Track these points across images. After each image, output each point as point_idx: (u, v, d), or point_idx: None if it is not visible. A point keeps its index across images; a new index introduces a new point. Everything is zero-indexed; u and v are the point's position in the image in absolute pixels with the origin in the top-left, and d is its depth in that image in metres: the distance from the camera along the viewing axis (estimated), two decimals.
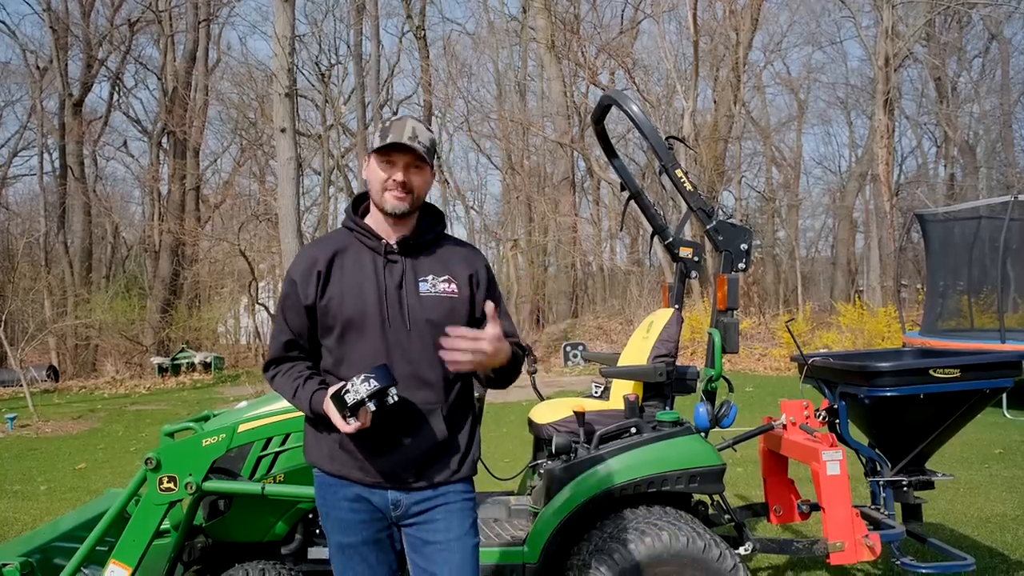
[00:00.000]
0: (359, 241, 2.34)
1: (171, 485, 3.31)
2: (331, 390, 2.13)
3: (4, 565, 3.25)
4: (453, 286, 2.31)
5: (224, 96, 29.01)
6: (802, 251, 33.57)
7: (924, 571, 3.67)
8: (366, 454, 2.25)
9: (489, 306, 2.16)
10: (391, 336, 2.24)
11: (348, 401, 2.07)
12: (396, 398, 2.11)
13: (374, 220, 2.36)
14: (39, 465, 9.08)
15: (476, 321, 2.32)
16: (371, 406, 2.08)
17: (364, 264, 2.30)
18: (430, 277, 2.30)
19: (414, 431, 2.25)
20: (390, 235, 2.32)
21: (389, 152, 2.24)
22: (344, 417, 2.10)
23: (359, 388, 2.06)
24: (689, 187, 3.78)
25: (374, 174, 2.28)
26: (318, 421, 2.27)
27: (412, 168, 2.26)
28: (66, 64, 25.26)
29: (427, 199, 2.41)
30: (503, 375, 2.29)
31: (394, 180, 2.24)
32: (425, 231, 2.38)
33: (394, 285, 2.27)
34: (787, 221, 32.79)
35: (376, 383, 2.06)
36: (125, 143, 33.24)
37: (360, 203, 2.44)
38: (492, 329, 2.12)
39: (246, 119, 28.81)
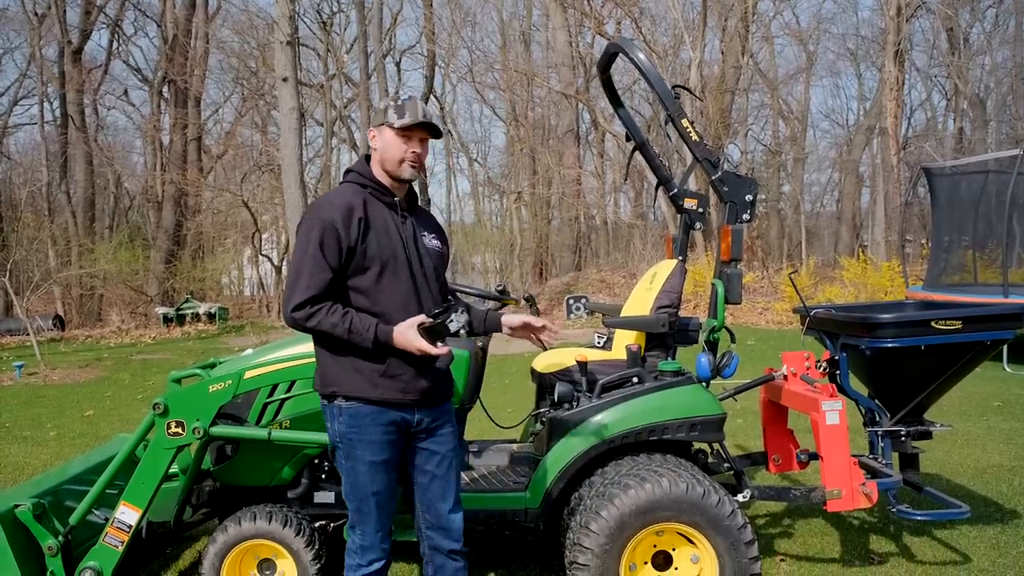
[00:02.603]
0: (374, 196, 2.72)
1: (179, 430, 3.36)
2: (415, 320, 2.55)
3: (17, 506, 3.31)
4: (439, 242, 2.90)
5: (225, 44, 28.57)
6: (807, 205, 33.43)
7: (919, 518, 3.73)
8: (409, 377, 2.68)
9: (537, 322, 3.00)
10: (416, 277, 2.72)
11: (452, 329, 2.54)
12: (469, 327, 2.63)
13: (384, 180, 2.75)
14: (48, 412, 9.20)
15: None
16: (463, 332, 2.57)
17: (385, 216, 2.71)
18: (427, 234, 2.83)
19: (436, 357, 2.67)
20: (396, 195, 2.77)
21: (409, 128, 2.65)
22: (434, 344, 2.53)
23: (459, 319, 2.55)
24: (695, 137, 3.75)
25: (392, 146, 2.68)
26: (361, 352, 2.61)
27: (423, 142, 2.73)
28: (64, 11, 24.87)
29: (430, 152, 2.89)
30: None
31: (413, 152, 2.68)
32: (415, 198, 2.88)
33: (409, 236, 2.74)
34: (792, 175, 32.54)
35: (466, 316, 2.57)
36: (126, 92, 32.94)
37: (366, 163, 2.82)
38: (534, 321, 3.00)
39: (247, 68, 28.43)
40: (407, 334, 2.55)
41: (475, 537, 4.45)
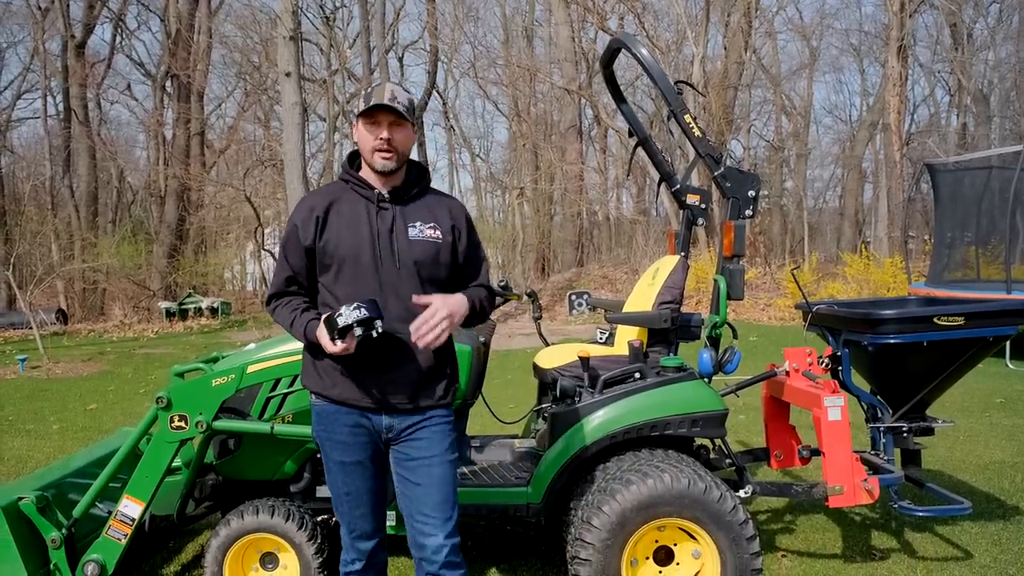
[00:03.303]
0: (354, 191, 2.63)
1: (182, 424, 3.37)
2: (324, 316, 2.41)
3: (21, 498, 3.33)
4: (438, 232, 2.62)
5: (228, 39, 28.55)
6: (810, 201, 33.40)
7: (921, 515, 3.73)
8: (365, 379, 2.55)
9: (417, 299, 2.45)
10: (383, 274, 2.54)
11: (338, 324, 2.32)
12: (380, 330, 2.36)
13: (367, 174, 2.64)
14: (51, 405, 9.22)
15: (458, 266, 2.69)
16: (357, 331, 2.32)
17: (359, 211, 2.59)
18: (418, 223, 2.61)
19: (405, 359, 2.56)
20: (381, 187, 2.62)
21: (373, 114, 2.52)
22: (332, 339, 2.36)
23: (349, 314, 2.31)
24: (697, 133, 3.75)
25: (362, 137, 2.57)
26: (315, 350, 2.55)
27: (394, 127, 2.54)
28: (68, 5, 24.87)
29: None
30: (471, 320, 2.64)
31: (380, 139, 2.52)
32: (413, 184, 2.68)
33: (386, 229, 2.57)
34: (795, 171, 32.50)
35: (365, 312, 2.32)
36: (129, 86, 32.98)
37: (355, 159, 2.71)
38: (435, 300, 2.44)
39: (250, 63, 28.41)
40: (318, 328, 2.44)
41: (477, 532, 4.47)
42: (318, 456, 3.67)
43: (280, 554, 3.50)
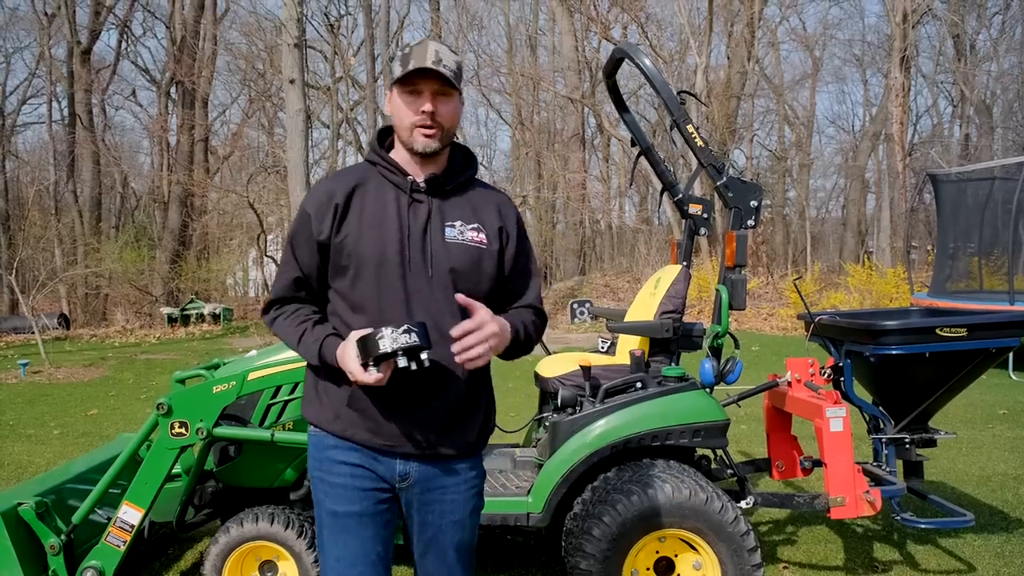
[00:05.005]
0: (383, 176, 2.11)
1: (182, 430, 3.37)
2: (357, 333, 1.90)
3: (20, 504, 3.32)
4: (482, 235, 2.10)
5: (233, 46, 28.71)
6: (812, 211, 33.37)
7: (923, 527, 3.71)
8: (378, 412, 2.03)
9: (462, 299, 1.95)
10: (411, 283, 2.02)
11: (381, 347, 1.82)
12: (427, 363, 1.88)
13: (400, 156, 2.12)
14: (52, 410, 9.21)
15: (503, 277, 2.15)
16: (401, 361, 1.84)
17: (387, 201, 2.07)
18: (458, 223, 2.09)
19: (432, 389, 2.04)
20: (417, 173, 2.10)
21: (413, 81, 2.00)
22: (364, 366, 1.86)
23: (397, 338, 1.82)
24: (700, 143, 3.75)
25: (399, 109, 2.04)
26: (325, 371, 2.06)
27: (439, 96, 2.02)
28: (74, 11, 25.03)
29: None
30: (512, 352, 2.09)
31: (422, 112, 2.00)
32: (456, 172, 2.15)
33: (418, 228, 2.05)
34: (798, 181, 32.50)
35: (415, 338, 1.83)
36: (134, 92, 33.13)
37: (386, 136, 2.20)
38: (483, 313, 1.92)
39: (255, 70, 28.54)
40: (345, 348, 1.91)
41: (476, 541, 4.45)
42: None
43: (279, 562, 3.48)
